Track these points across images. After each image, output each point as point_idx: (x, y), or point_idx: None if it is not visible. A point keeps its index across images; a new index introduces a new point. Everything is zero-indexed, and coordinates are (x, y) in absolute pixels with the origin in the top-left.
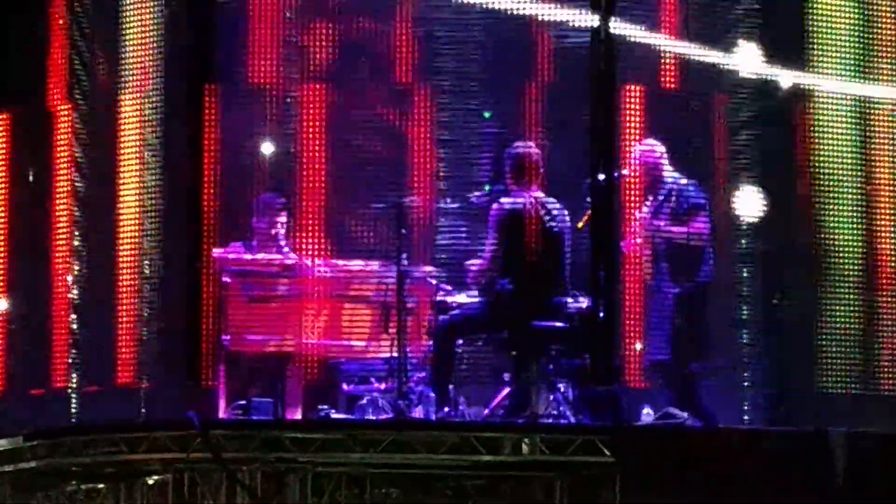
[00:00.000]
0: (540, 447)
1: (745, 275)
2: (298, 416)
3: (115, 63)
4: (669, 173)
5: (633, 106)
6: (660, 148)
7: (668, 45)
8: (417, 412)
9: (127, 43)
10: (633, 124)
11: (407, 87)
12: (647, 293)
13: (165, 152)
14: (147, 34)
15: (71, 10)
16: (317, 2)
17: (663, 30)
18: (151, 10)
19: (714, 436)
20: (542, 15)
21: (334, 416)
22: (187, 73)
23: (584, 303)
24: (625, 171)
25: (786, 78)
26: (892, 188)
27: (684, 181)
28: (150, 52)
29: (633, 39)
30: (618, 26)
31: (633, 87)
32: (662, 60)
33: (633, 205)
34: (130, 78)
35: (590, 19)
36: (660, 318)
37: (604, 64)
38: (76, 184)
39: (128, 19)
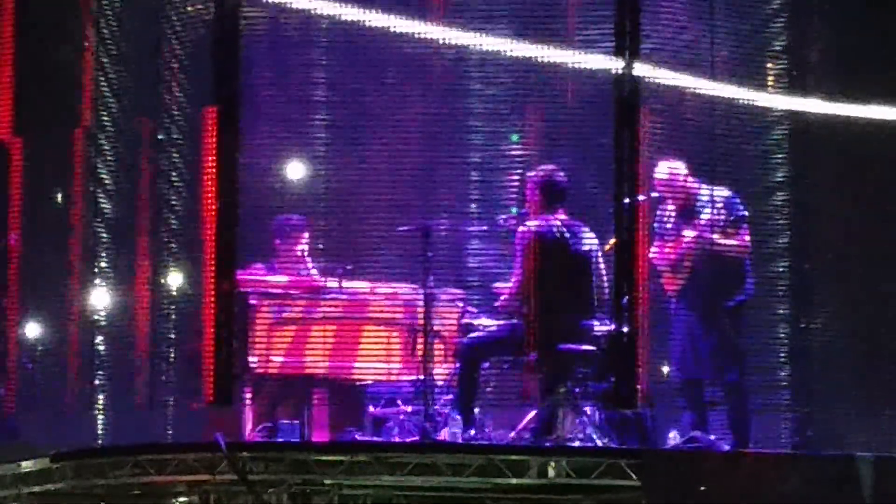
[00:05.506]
0: (566, 470)
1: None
2: (325, 438)
3: (141, 86)
4: (704, 189)
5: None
6: (682, 169)
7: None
8: (443, 434)
9: (152, 66)
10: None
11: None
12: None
13: (190, 174)
14: (172, 58)
15: (98, 34)
16: (345, 25)
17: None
18: (176, 35)
19: (740, 460)
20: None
21: (360, 438)
22: (213, 96)
23: (610, 326)
24: (641, 197)
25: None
26: None
27: (727, 192)
28: (176, 76)
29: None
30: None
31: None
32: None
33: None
34: (156, 101)
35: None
36: (689, 335)
37: (627, 90)
38: (102, 205)
39: (153, 43)
